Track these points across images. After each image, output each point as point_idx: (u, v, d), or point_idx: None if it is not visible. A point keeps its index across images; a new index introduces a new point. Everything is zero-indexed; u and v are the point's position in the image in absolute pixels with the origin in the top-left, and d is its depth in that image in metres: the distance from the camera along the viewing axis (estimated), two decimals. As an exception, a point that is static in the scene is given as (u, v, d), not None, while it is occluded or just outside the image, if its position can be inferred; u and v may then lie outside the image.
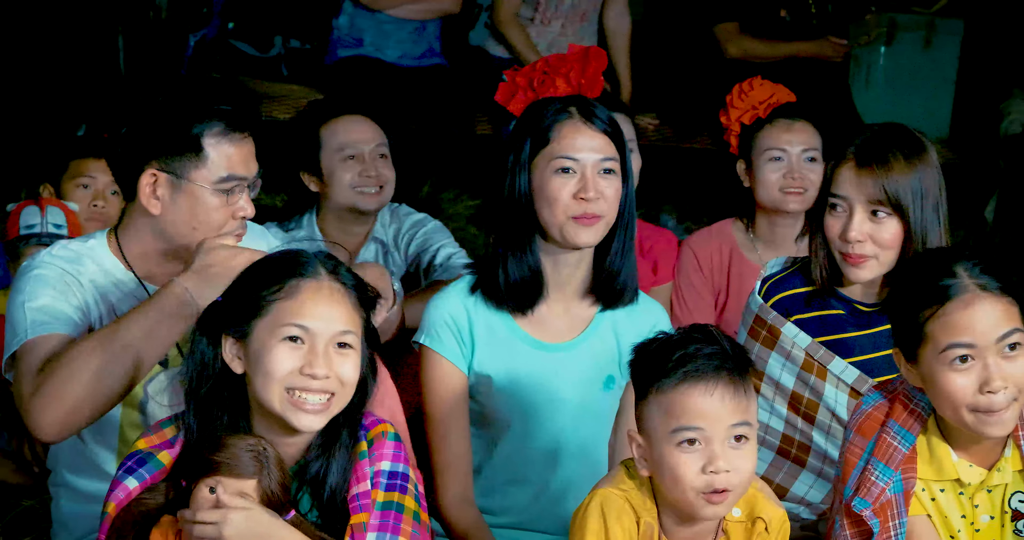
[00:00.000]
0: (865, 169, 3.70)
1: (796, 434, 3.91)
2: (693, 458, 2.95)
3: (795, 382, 3.86)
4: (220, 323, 3.09)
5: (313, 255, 3.12)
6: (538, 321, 3.73)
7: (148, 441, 3.12)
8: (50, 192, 5.32)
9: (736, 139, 5.21)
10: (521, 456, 3.75)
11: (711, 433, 2.95)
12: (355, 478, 3.11)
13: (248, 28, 7.30)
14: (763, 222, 5.17)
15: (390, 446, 3.16)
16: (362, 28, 6.96)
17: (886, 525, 3.25)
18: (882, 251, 3.72)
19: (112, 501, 3.05)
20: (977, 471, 3.27)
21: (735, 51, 6.90)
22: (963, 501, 3.29)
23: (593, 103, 3.71)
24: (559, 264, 3.70)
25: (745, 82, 5.25)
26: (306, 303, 3.04)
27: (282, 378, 3.02)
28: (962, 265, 3.14)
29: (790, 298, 3.88)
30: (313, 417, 3.04)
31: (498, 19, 6.96)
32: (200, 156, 3.51)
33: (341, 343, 3.06)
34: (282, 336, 3.03)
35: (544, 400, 3.71)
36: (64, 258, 3.57)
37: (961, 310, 3.11)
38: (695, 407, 2.95)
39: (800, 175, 5.04)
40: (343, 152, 4.98)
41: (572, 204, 3.61)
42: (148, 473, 3.07)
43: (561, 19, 7.01)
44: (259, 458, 2.99)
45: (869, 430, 3.31)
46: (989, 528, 3.31)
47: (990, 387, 3.11)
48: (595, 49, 4.33)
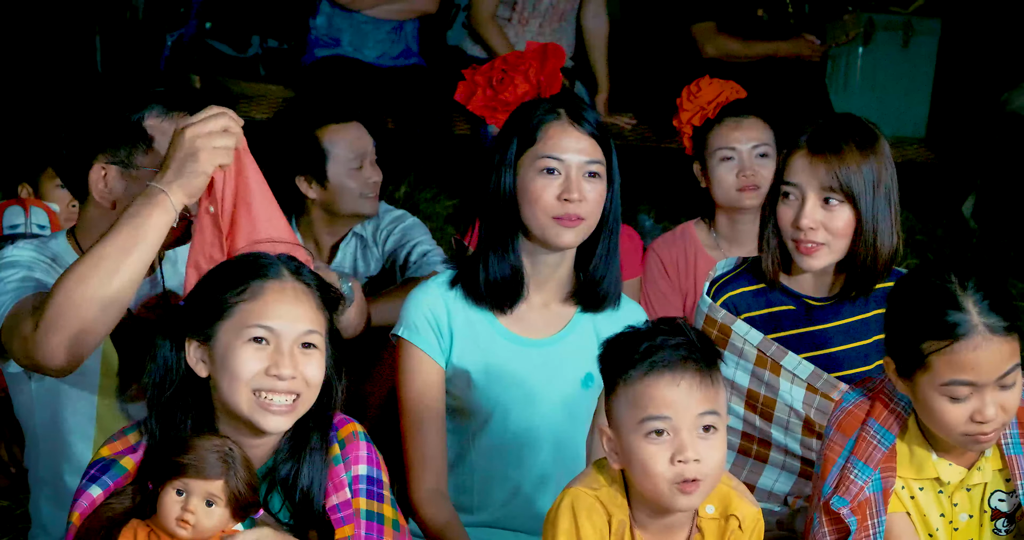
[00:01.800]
0: (818, 157, 3.72)
1: (756, 432, 3.91)
2: (662, 449, 2.95)
3: (750, 379, 3.86)
4: (183, 327, 3.08)
5: (275, 257, 3.11)
6: (517, 317, 3.73)
7: (111, 448, 3.10)
8: (28, 192, 5.32)
9: (689, 141, 5.22)
10: (497, 453, 3.74)
11: (679, 423, 2.94)
12: (332, 486, 3.10)
13: (225, 28, 7.29)
14: (723, 221, 5.17)
15: (363, 447, 3.15)
16: (340, 28, 6.96)
17: (864, 524, 3.25)
18: (834, 239, 3.73)
19: (76, 510, 3.03)
20: (957, 470, 3.27)
21: (713, 51, 6.91)
22: (942, 499, 3.30)
23: (584, 106, 3.71)
24: (539, 264, 3.70)
25: (693, 83, 5.25)
26: (270, 304, 3.03)
27: (248, 380, 3.01)
28: (972, 299, 3.12)
29: (739, 296, 3.88)
30: (280, 418, 3.03)
31: (476, 19, 6.97)
32: (145, 141, 3.53)
33: (306, 343, 3.05)
34: (247, 337, 3.01)
35: (521, 396, 3.71)
36: (32, 247, 3.57)
37: (969, 351, 3.11)
38: (662, 397, 2.94)
39: (753, 171, 5.03)
40: (351, 163, 5.00)
41: (555, 205, 3.60)
42: (111, 480, 3.05)
43: (539, 19, 7.02)
44: (225, 459, 2.97)
45: (849, 428, 3.31)
46: (967, 527, 3.32)
47: (982, 417, 3.12)
48: (553, 46, 4.33)
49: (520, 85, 4.24)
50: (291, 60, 7.25)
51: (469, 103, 4.87)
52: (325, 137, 5.03)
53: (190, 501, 2.95)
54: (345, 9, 6.91)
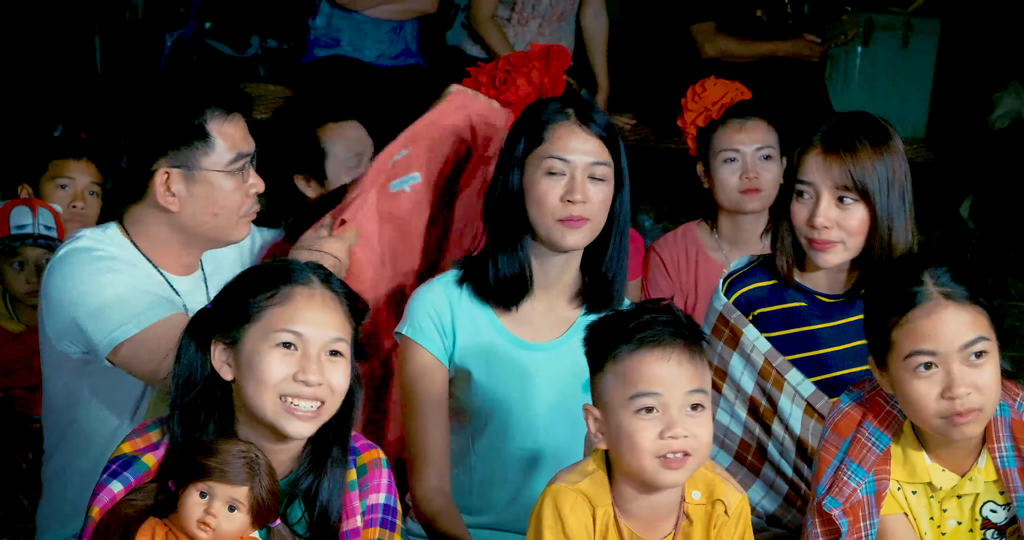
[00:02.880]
0: (832, 155, 3.70)
1: (753, 441, 3.90)
2: (651, 424, 2.96)
3: (754, 387, 3.85)
4: (210, 329, 3.08)
5: (304, 264, 3.12)
6: (520, 319, 3.73)
7: (133, 444, 3.10)
8: (28, 192, 5.31)
9: (693, 141, 5.21)
10: (498, 455, 3.75)
11: (668, 399, 2.96)
12: (345, 512, 3.11)
13: (225, 28, 7.29)
14: (725, 222, 5.16)
15: (385, 475, 3.16)
16: (339, 28, 6.95)
17: (856, 525, 3.25)
18: (849, 237, 3.72)
19: (96, 505, 3.03)
20: (949, 476, 3.27)
21: (712, 51, 6.91)
22: (933, 504, 3.30)
23: (594, 107, 3.70)
24: (546, 264, 3.70)
25: (698, 83, 5.23)
26: (300, 309, 3.03)
27: (275, 384, 3.01)
28: (930, 272, 3.15)
29: (752, 292, 3.87)
30: (304, 424, 3.03)
31: (475, 19, 6.97)
32: (208, 142, 3.59)
33: (333, 351, 3.05)
34: (275, 342, 3.02)
35: (522, 398, 3.72)
36: (104, 254, 3.63)
37: (924, 318, 3.12)
38: (653, 373, 2.97)
39: (756, 174, 5.03)
40: (350, 161, 5.00)
41: (559, 206, 3.61)
42: (133, 476, 3.05)
43: (538, 19, 7.01)
44: (251, 465, 2.97)
45: (845, 429, 3.31)
46: (954, 533, 3.32)
47: (952, 393, 3.11)
48: (557, 48, 4.32)
49: (522, 86, 4.22)
50: (290, 60, 7.25)
51: (472, 102, 4.86)
52: (324, 136, 5.04)
53: (213, 504, 2.96)
54: (344, 9, 6.90)
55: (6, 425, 4.87)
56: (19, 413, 4.90)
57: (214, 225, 3.63)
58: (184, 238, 3.67)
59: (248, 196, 3.66)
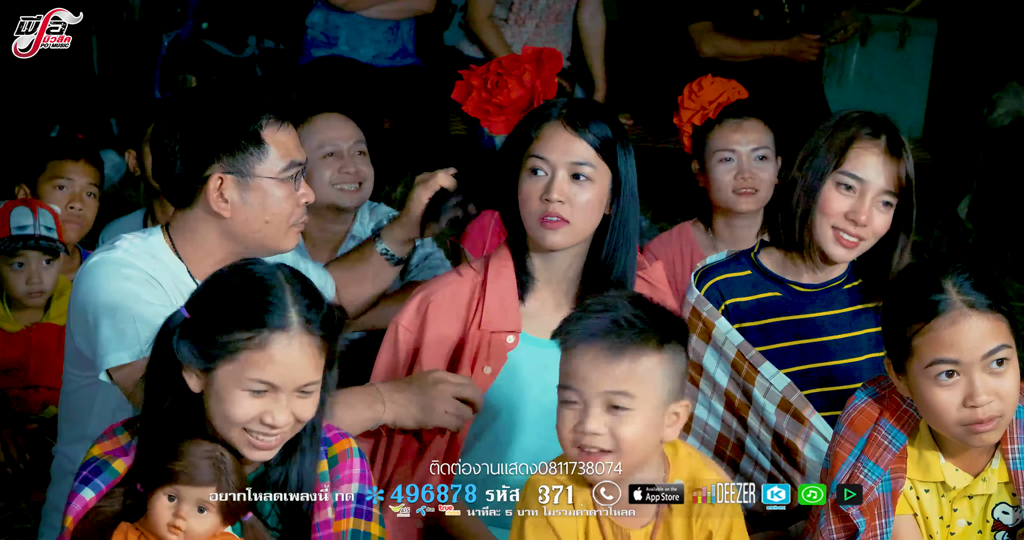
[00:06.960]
0: (892, 157, 3.71)
1: (731, 435, 3.89)
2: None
3: (728, 381, 3.83)
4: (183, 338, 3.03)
5: (285, 296, 3.03)
6: (529, 315, 3.73)
7: (102, 447, 3.09)
8: (26, 193, 5.30)
9: (689, 140, 5.20)
10: (502, 451, 3.74)
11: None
12: (315, 504, 3.11)
13: (222, 28, 7.29)
14: (720, 222, 5.15)
15: (356, 465, 3.16)
16: (336, 27, 6.95)
17: (872, 524, 3.25)
18: (873, 238, 3.74)
19: (69, 514, 3.03)
20: (963, 476, 3.27)
21: (709, 50, 6.91)
22: (944, 503, 3.30)
23: (594, 115, 3.68)
24: (548, 260, 3.71)
25: (695, 82, 5.22)
26: (275, 359, 2.98)
27: (242, 423, 3.00)
28: (951, 280, 3.14)
29: (724, 282, 3.86)
30: (265, 452, 3.03)
31: (472, 19, 6.97)
32: (262, 149, 3.59)
33: (304, 391, 3.03)
34: (246, 387, 2.99)
35: (530, 394, 3.71)
36: (131, 272, 3.60)
37: (947, 327, 3.12)
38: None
39: (751, 174, 5.01)
40: (322, 149, 4.97)
41: (539, 205, 3.61)
42: (104, 483, 3.05)
43: (535, 19, 7.01)
44: (216, 464, 2.98)
45: (862, 426, 3.30)
46: (964, 533, 3.31)
47: (974, 401, 3.12)
48: (549, 51, 4.32)
49: (514, 89, 4.22)
50: (287, 60, 7.26)
51: (464, 104, 4.86)
52: (302, 129, 5.01)
53: (182, 507, 2.96)
54: (341, 10, 6.91)
55: (4, 425, 4.86)
56: (16, 413, 4.89)
57: (265, 233, 3.62)
58: (232, 246, 3.64)
59: (299, 206, 3.65)
